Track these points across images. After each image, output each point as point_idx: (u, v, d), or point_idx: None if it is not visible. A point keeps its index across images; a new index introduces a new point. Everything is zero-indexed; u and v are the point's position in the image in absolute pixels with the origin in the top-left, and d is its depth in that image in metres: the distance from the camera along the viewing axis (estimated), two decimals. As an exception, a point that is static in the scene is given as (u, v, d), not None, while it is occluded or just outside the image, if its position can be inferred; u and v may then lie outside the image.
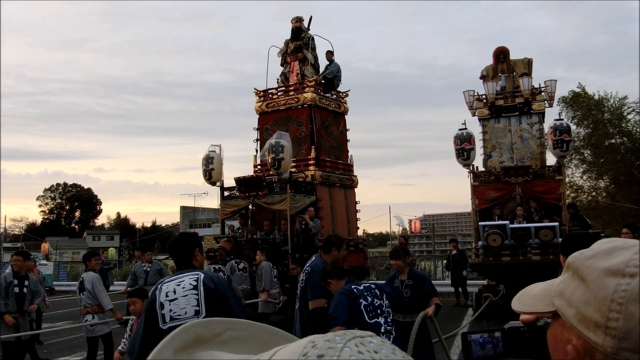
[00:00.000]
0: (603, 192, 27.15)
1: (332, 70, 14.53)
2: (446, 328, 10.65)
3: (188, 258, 3.88)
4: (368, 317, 4.43)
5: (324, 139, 13.95)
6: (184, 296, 3.59)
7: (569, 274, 0.76)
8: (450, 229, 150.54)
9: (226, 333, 0.64)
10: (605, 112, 25.51)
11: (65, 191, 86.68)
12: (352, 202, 14.43)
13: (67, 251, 49.11)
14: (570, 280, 0.74)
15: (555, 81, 13.65)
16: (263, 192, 12.29)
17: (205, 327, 0.63)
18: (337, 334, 0.54)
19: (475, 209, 12.97)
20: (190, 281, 3.65)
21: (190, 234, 4.40)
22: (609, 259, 0.70)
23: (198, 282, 3.64)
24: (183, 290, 3.61)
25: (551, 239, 11.36)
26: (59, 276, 26.17)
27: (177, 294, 3.61)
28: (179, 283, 3.66)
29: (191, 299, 3.58)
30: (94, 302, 7.79)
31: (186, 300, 3.58)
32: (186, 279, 3.67)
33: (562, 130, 12.53)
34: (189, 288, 3.61)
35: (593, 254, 0.73)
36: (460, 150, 13.02)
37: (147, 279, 11.60)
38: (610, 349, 0.66)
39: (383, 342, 0.54)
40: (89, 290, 7.78)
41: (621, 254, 0.70)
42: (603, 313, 0.67)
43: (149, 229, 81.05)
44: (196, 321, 0.64)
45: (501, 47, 14.40)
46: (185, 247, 3.92)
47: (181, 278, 3.69)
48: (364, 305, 4.46)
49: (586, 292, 0.70)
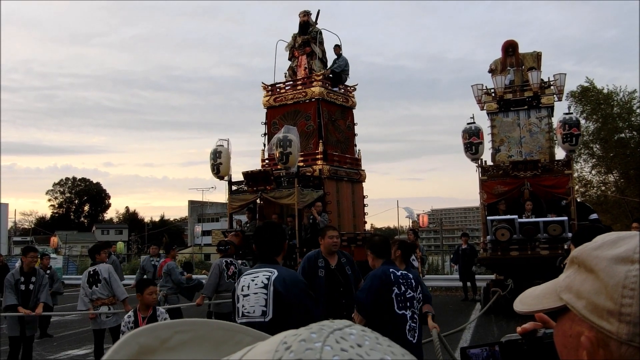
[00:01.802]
0: (612, 187, 26.98)
1: (339, 64, 14.50)
2: (454, 322, 10.66)
3: (274, 251, 3.66)
4: (397, 307, 4.23)
5: (331, 133, 13.94)
6: (254, 293, 3.44)
7: (573, 268, 0.76)
8: (458, 224, 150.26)
9: (174, 337, 0.58)
10: (615, 106, 25.31)
11: (74, 185, 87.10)
12: (359, 197, 14.42)
13: (76, 245, 49.36)
14: (576, 273, 0.74)
15: (565, 75, 13.55)
16: (271, 186, 12.30)
17: (150, 335, 0.57)
18: (313, 329, 0.47)
19: (484, 204, 12.92)
20: (263, 279, 3.47)
21: (279, 224, 4.20)
22: (615, 248, 0.71)
23: (269, 281, 3.45)
24: (255, 286, 3.46)
25: (560, 234, 11.32)
26: (68, 270, 26.33)
27: (250, 289, 3.47)
28: (254, 278, 3.49)
29: (260, 297, 3.43)
30: (110, 293, 7.78)
31: (256, 298, 3.43)
32: (260, 275, 3.50)
33: (572, 124, 12.45)
34: (260, 286, 3.45)
35: (598, 245, 0.73)
36: (469, 145, 12.96)
37: (155, 273, 11.68)
38: (626, 336, 0.66)
39: (364, 332, 0.48)
40: (106, 279, 7.76)
41: (627, 243, 0.71)
42: (616, 300, 0.67)
43: (157, 223, 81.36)
44: (139, 329, 0.57)
45: (510, 40, 14.31)
46: (276, 238, 3.67)
47: (257, 273, 3.52)
48: (396, 294, 4.25)
49: (596, 282, 0.70)
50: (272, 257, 3.64)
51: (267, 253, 3.63)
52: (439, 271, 20.94)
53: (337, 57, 14.61)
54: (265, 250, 3.64)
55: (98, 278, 7.75)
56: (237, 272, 8.95)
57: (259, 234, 3.73)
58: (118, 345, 0.55)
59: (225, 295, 8.73)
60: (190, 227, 67.81)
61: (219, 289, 8.69)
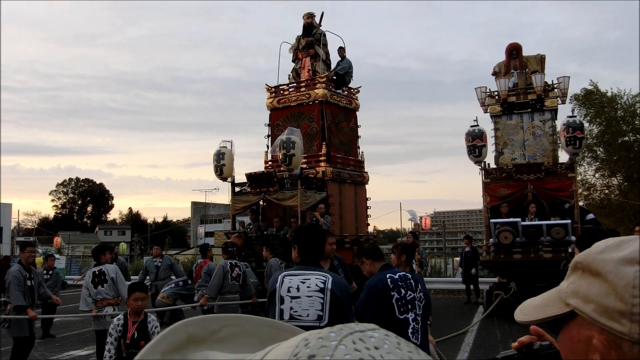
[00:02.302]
0: (616, 190, 26.93)
1: (343, 66, 14.50)
2: (457, 325, 10.66)
3: (319, 254, 3.61)
4: (399, 312, 4.15)
5: (334, 135, 13.94)
6: (308, 296, 3.35)
7: (577, 274, 0.76)
8: (461, 226, 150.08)
9: (223, 330, 0.60)
10: (619, 110, 25.28)
11: (77, 186, 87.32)
12: (362, 199, 14.41)
13: (79, 245, 49.41)
14: (581, 278, 0.75)
15: (568, 78, 13.54)
16: (274, 188, 12.31)
17: (199, 325, 0.59)
18: (333, 329, 0.49)
19: (487, 206, 12.90)
20: (317, 282, 3.38)
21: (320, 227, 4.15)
22: (620, 251, 0.72)
23: (325, 285, 3.38)
24: (308, 289, 3.36)
25: (563, 237, 11.29)
26: (71, 270, 26.37)
27: (300, 291, 3.36)
28: (304, 280, 3.39)
29: (316, 301, 3.34)
30: (116, 293, 7.77)
31: (310, 302, 3.34)
32: (312, 277, 3.40)
33: (575, 127, 12.43)
34: (316, 289, 3.36)
35: (602, 249, 0.74)
36: (472, 147, 12.94)
37: (158, 274, 11.70)
38: (638, 335, 0.67)
39: (387, 336, 0.49)
40: (113, 279, 7.75)
41: (630, 245, 0.72)
42: (626, 301, 0.68)
43: (160, 224, 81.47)
44: (188, 319, 0.60)
45: (514, 43, 14.31)
46: (322, 242, 3.63)
47: (307, 275, 3.41)
48: (396, 299, 4.16)
49: (603, 284, 0.71)
50: (318, 261, 3.60)
51: (313, 256, 3.56)
52: (441, 274, 20.90)
53: (341, 59, 14.62)
54: (311, 253, 3.56)
55: (105, 278, 7.74)
56: (242, 274, 8.96)
57: (304, 236, 3.60)
58: (167, 332, 0.57)
59: (228, 296, 8.74)
60: (193, 228, 67.91)
61: (222, 290, 8.69)
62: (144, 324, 5.01)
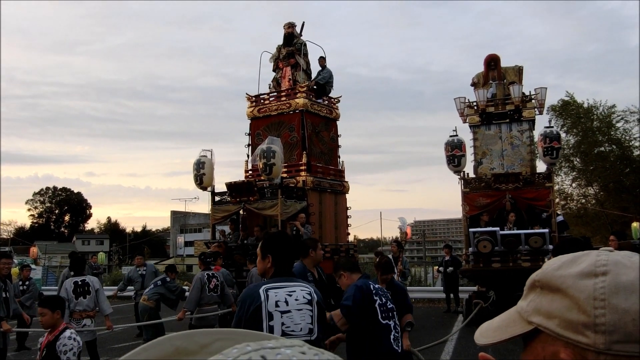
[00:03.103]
0: (592, 199, 27.33)
1: (324, 76, 14.57)
2: (436, 334, 10.68)
3: (293, 263, 3.46)
4: (381, 317, 4.21)
5: (315, 144, 13.97)
6: (298, 310, 3.19)
7: (535, 292, 0.77)
8: (441, 235, 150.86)
9: (215, 344, 0.59)
10: (595, 120, 25.71)
11: (54, 195, 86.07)
12: (342, 208, 14.44)
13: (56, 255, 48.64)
14: (540, 296, 0.76)
15: (546, 89, 13.75)
16: (254, 197, 12.27)
17: (188, 339, 0.58)
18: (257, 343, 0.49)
19: (466, 216, 13.01)
20: (304, 294, 3.24)
21: (291, 236, 4.03)
22: (576, 266, 0.74)
23: (312, 296, 3.26)
24: (296, 302, 3.20)
25: (541, 246, 11.42)
26: (47, 281, 25.95)
27: (289, 305, 3.17)
28: (291, 293, 3.21)
29: (306, 314, 3.20)
30: (95, 305, 7.65)
31: (301, 316, 3.19)
32: (297, 289, 3.25)
33: (552, 137, 12.62)
34: (304, 302, 3.22)
35: (558, 266, 0.76)
36: (451, 157, 13.06)
37: (144, 282, 11.58)
38: (603, 345, 0.68)
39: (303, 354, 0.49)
40: (97, 292, 7.63)
41: (585, 259, 0.74)
42: (589, 313, 0.69)
43: (139, 233, 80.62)
44: (175, 334, 0.59)
45: (492, 54, 14.49)
46: (295, 249, 3.49)
47: (291, 287, 3.24)
48: (379, 304, 4.23)
49: (564, 299, 0.72)
50: (291, 270, 3.44)
51: (290, 266, 3.40)
52: (421, 283, 20.97)
53: (322, 68, 14.68)
54: (288, 263, 3.38)
55: (88, 289, 7.57)
56: (220, 284, 8.89)
57: (279, 245, 3.36)
58: (150, 344, 0.56)
59: (207, 308, 8.68)
60: (172, 237, 67.27)
61: (201, 302, 8.63)
62: (55, 342, 4.56)
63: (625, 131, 25.32)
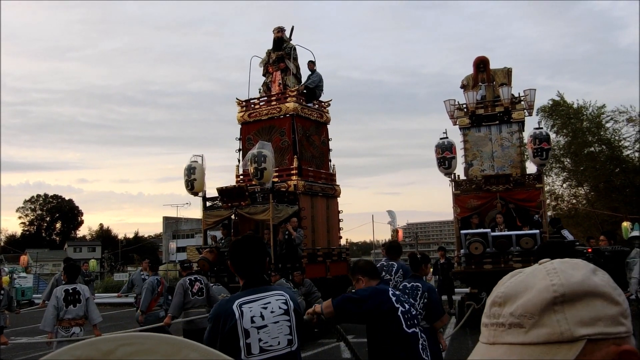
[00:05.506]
0: (583, 200, 27.48)
1: (313, 80, 14.58)
2: (429, 336, 10.66)
3: (262, 270, 3.18)
4: (406, 326, 3.81)
5: (305, 148, 13.97)
6: (275, 322, 3.00)
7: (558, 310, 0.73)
8: (433, 237, 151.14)
9: (119, 350, 0.58)
10: (584, 121, 25.88)
11: (45, 202, 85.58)
12: (334, 212, 14.45)
13: (48, 263, 48.36)
14: (571, 309, 0.73)
15: (535, 90, 13.83)
16: (245, 202, 12.25)
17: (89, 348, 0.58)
18: None
19: (457, 218, 13.05)
20: (280, 304, 3.05)
21: (260, 237, 3.67)
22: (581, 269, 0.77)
23: (288, 305, 3.06)
24: (273, 315, 3.01)
25: (532, 247, 11.46)
26: (39, 289, 25.79)
27: (266, 319, 2.98)
28: (265, 305, 3.01)
29: (283, 326, 3.01)
30: (85, 314, 7.60)
31: (278, 328, 3.00)
32: (272, 300, 3.04)
33: (542, 138, 12.67)
34: (280, 312, 3.03)
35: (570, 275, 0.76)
36: (442, 159, 13.10)
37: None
38: (631, 328, 0.75)
39: None
40: (88, 300, 7.59)
41: (580, 262, 0.79)
42: (619, 301, 0.75)
43: (131, 240, 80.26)
44: (74, 344, 0.58)
45: (481, 56, 14.56)
46: (265, 255, 3.19)
47: (265, 299, 3.03)
48: (402, 312, 3.82)
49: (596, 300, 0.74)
50: (263, 279, 3.19)
51: (257, 274, 3.14)
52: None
53: (311, 72, 14.69)
54: (254, 271, 3.12)
55: (78, 298, 7.52)
56: (204, 287, 8.93)
57: (245, 252, 3.13)
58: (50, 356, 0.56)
59: (194, 311, 8.74)
60: (164, 243, 66.99)
61: (186, 307, 8.75)
62: None
63: (614, 131, 25.53)
